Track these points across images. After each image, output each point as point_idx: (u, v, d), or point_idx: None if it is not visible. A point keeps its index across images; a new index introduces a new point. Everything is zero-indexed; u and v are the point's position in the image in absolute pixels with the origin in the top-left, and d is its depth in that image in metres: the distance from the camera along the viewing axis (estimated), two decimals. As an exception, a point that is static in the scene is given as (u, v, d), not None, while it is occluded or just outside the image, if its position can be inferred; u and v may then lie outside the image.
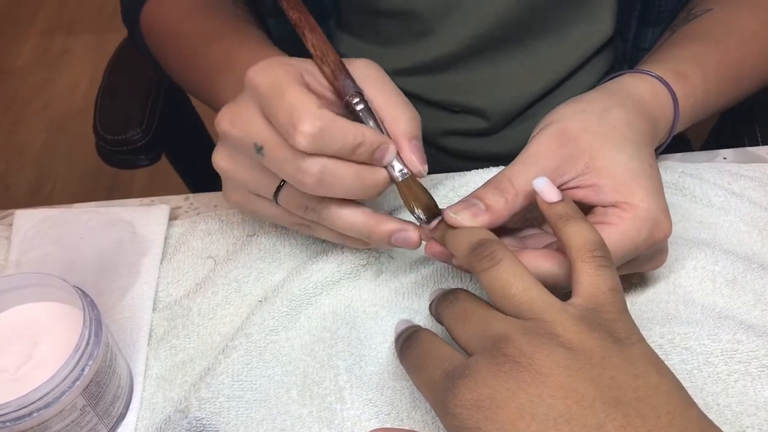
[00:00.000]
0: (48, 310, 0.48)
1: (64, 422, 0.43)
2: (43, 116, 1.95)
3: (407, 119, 0.46)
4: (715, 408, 0.46)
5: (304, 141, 0.42)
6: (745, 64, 0.58)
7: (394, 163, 0.45)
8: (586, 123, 0.48)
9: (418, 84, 0.73)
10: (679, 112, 0.53)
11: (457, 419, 0.37)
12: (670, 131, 0.53)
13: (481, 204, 0.45)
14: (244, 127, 0.45)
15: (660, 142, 0.53)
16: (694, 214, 0.57)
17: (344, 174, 0.44)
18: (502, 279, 0.40)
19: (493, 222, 0.45)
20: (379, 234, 0.47)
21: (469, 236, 0.43)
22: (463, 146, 0.76)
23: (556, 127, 0.48)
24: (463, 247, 0.43)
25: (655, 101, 0.52)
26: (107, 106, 0.80)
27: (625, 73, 0.54)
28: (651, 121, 0.51)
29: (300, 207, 0.47)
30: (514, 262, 0.40)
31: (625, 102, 0.50)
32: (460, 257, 0.43)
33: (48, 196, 1.78)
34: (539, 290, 0.39)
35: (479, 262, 0.41)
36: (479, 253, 0.41)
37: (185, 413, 0.48)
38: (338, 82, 0.46)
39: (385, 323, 0.52)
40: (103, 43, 2.03)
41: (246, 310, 0.53)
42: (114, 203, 0.61)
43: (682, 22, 0.61)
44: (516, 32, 0.67)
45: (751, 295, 0.51)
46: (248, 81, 0.45)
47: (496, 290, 0.40)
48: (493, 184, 0.46)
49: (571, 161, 0.47)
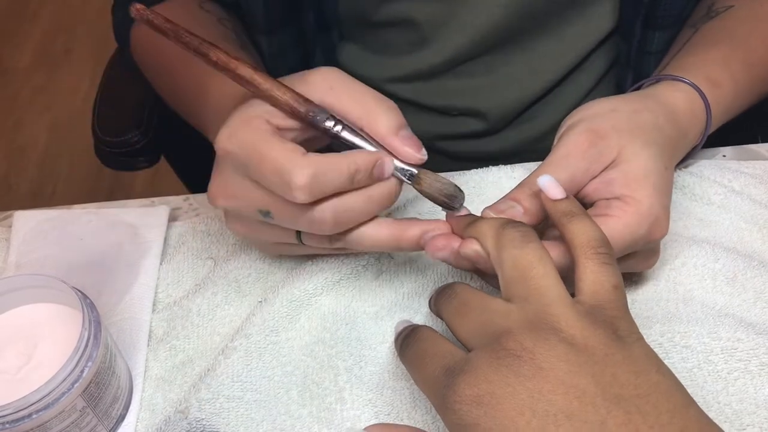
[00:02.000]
0: (47, 311, 0.48)
1: (64, 423, 0.43)
2: (44, 117, 1.95)
3: (385, 114, 0.45)
4: (715, 406, 0.46)
5: (302, 195, 0.42)
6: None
7: (395, 166, 0.45)
8: (615, 122, 0.48)
9: (415, 90, 0.73)
10: (711, 122, 0.53)
11: (457, 415, 0.37)
12: (702, 138, 0.54)
13: (519, 207, 0.46)
14: (241, 199, 0.45)
15: (688, 150, 0.54)
16: (694, 212, 0.57)
17: (355, 204, 0.44)
18: (527, 259, 0.40)
19: (529, 225, 0.45)
20: (407, 241, 0.46)
21: (502, 219, 0.43)
22: (462, 148, 0.76)
23: (585, 126, 0.48)
24: (497, 223, 0.42)
25: (689, 111, 0.52)
26: (106, 108, 0.80)
27: (659, 80, 0.54)
28: (681, 131, 0.51)
29: (324, 241, 0.48)
30: (543, 248, 0.40)
31: (658, 109, 0.50)
32: (487, 233, 0.43)
33: (50, 196, 1.78)
34: (556, 281, 0.39)
35: (512, 234, 0.41)
36: (514, 227, 0.41)
37: (185, 414, 0.48)
38: (302, 114, 0.44)
39: (385, 324, 0.52)
40: (105, 43, 2.03)
41: (246, 311, 0.53)
42: (114, 204, 0.61)
43: (704, 20, 0.61)
44: (513, 36, 0.67)
45: (752, 293, 0.51)
46: (221, 151, 0.45)
47: (516, 268, 0.40)
48: (527, 186, 0.47)
49: (600, 161, 0.47)
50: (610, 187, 0.46)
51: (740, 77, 0.56)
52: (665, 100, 0.52)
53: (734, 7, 0.60)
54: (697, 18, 0.62)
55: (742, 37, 0.58)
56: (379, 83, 0.73)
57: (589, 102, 0.51)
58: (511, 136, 0.74)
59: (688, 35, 0.60)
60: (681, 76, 0.53)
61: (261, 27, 0.66)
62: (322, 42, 0.71)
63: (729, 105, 0.55)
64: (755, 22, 0.59)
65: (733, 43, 0.57)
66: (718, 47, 0.57)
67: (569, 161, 0.47)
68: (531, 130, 0.74)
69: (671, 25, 0.63)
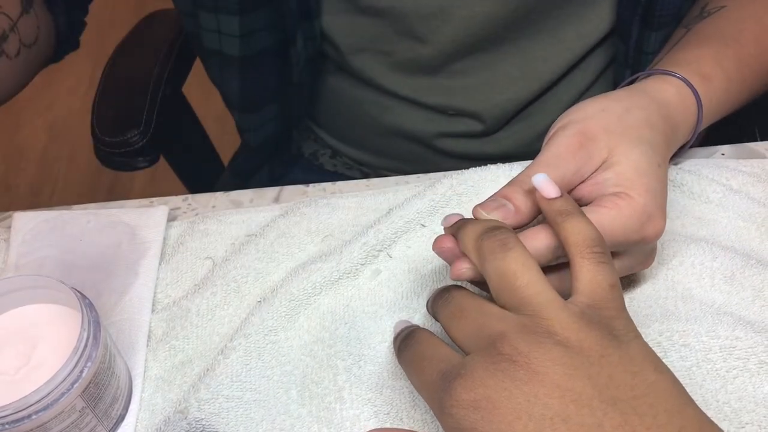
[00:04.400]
0: (47, 312, 0.48)
1: (63, 424, 0.43)
2: (44, 117, 1.95)
3: None
4: (714, 404, 0.46)
5: None
6: (762, 60, 0.58)
7: None
8: (606, 122, 0.48)
9: (412, 87, 0.72)
10: (702, 115, 0.53)
11: (454, 419, 0.37)
12: (693, 133, 0.54)
13: (510, 205, 0.45)
14: None
15: (681, 145, 0.54)
16: (692, 210, 0.57)
17: None
18: (511, 269, 0.39)
19: (520, 223, 0.45)
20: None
21: (484, 224, 0.43)
22: (459, 148, 0.76)
23: (575, 127, 0.48)
24: (476, 232, 0.42)
25: (680, 105, 0.52)
26: (104, 109, 0.80)
27: (650, 74, 0.54)
28: (672, 126, 0.51)
29: None
30: (524, 252, 0.40)
31: (649, 105, 0.50)
32: (468, 245, 0.42)
33: (49, 196, 1.78)
34: (544, 286, 0.39)
35: (491, 245, 0.40)
36: (491, 236, 0.41)
37: (184, 414, 0.48)
38: None
39: (384, 323, 0.52)
40: (104, 44, 2.03)
41: (245, 311, 0.54)
42: (113, 204, 0.61)
43: (696, 20, 0.61)
44: (506, 33, 0.66)
45: (750, 291, 0.51)
46: None
47: (502, 279, 0.40)
48: (518, 185, 0.46)
49: (590, 161, 0.47)
50: (603, 189, 0.46)
51: (732, 73, 0.56)
52: (656, 95, 0.51)
53: (726, 8, 0.60)
54: (690, 19, 0.62)
55: (734, 35, 0.58)
56: (374, 76, 0.73)
57: (580, 103, 0.50)
58: (508, 137, 0.74)
59: (681, 35, 0.60)
60: (672, 71, 0.53)
61: (233, 6, 0.65)
62: (305, 30, 0.70)
63: (721, 100, 0.55)
64: (747, 20, 0.59)
65: (724, 40, 0.57)
66: (709, 44, 0.57)
67: (559, 162, 0.46)
68: (527, 130, 0.74)
69: (668, 25, 0.64)
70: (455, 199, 0.58)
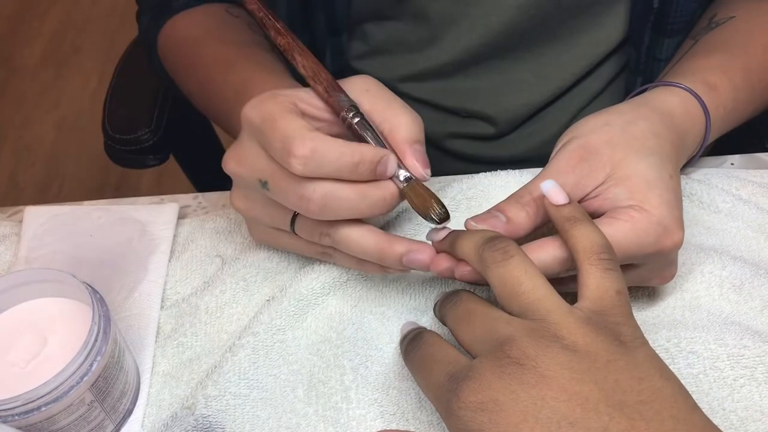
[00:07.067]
0: (58, 306, 0.48)
1: (72, 417, 0.44)
2: (53, 114, 1.95)
3: (407, 124, 0.46)
4: (721, 413, 0.46)
5: (298, 165, 0.43)
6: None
7: (398, 172, 0.45)
8: (609, 136, 0.48)
9: (426, 90, 0.73)
10: (710, 125, 0.53)
11: (461, 422, 0.37)
12: (702, 143, 0.54)
13: (502, 217, 0.45)
14: (249, 165, 0.46)
15: (691, 155, 0.54)
16: (702, 220, 0.57)
17: (347, 195, 0.44)
18: (514, 276, 0.40)
19: (513, 235, 0.45)
20: (390, 255, 0.46)
21: (482, 233, 0.43)
22: (470, 150, 0.77)
23: (577, 142, 0.48)
24: (476, 241, 0.42)
25: (686, 115, 0.52)
26: (116, 106, 0.80)
27: (655, 86, 0.54)
28: (679, 135, 0.51)
29: (315, 234, 0.48)
30: (525, 260, 0.40)
31: (653, 116, 0.50)
32: (469, 254, 0.43)
33: (57, 193, 1.79)
34: (548, 291, 0.39)
35: (492, 254, 0.41)
36: (492, 246, 0.41)
37: (192, 410, 0.48)
38: (332, 99, 0.47)
39: (392, 324, 0.52)
40: (114, 42, 2.04)
41: (253, 309, 0.54)
42: (124, 201, 0.61)
43: (704, 31, 0.61)
44: (523, 40, 0.67)
45: (758, 301, 0.51)
46: (244, 118, 0.46)
47: (505, 286, 0.40)
48: (514, 198, 0.47)
49: (592, 175, 0.47)
50: (616, 203, 0.46)
51: (739, 82, 0.55)
52: (659, 105, 0.51)
53: (735, 18, 0.60)
54: (698, 30, 0.62)
55: (741, 45, 0.58)
56: (391, 82, 0.73)
57: (583, 118, 0.51)
58: (519, 140, 0.75)
59: (689, 46, 0.60)
60: (676, 82, 0.53)
61: None
62: (332, 45, 0.72)
63: (728, 108, 0.55)
64: (755, 30, 0.59)
65: (732, 50, 0.57)
66: (715, 54, 0.57)
67: (559, 176, 0.46)
68: (538, 134, 0.74)
69: (681, 32, 0.64)
70: (465, 203, 0.58)
